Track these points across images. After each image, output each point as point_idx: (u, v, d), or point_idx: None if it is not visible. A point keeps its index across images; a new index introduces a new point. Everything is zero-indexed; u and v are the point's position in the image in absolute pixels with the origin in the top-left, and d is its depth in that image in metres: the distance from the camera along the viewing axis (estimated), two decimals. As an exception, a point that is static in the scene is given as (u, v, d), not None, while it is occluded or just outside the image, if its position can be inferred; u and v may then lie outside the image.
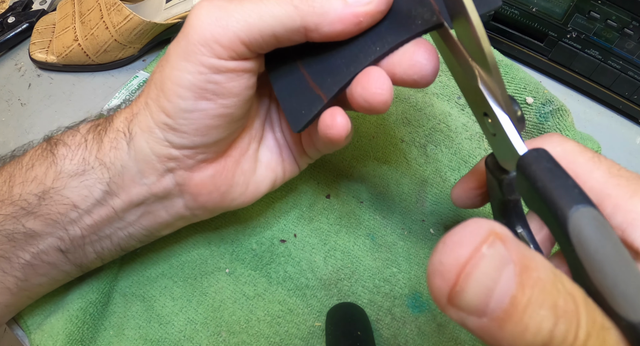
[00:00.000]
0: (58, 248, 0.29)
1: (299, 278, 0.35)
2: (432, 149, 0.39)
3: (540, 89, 0.38)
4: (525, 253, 0.13)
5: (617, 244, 0.14)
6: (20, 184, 0.28)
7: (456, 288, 0.13)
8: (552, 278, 0.13)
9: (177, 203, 0.30)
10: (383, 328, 0.33)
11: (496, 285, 0.13)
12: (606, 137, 0.40)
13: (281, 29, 0.24)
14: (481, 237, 0.13)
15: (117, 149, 0.28)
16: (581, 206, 0.14)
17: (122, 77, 0.47)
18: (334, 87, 0.25)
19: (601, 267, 0.13)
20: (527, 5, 0.39)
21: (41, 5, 0.52)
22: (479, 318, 0.13)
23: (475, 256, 0.13)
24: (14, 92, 0.48)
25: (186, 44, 0.25)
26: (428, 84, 0.24)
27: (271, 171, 0.32)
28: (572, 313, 0.13)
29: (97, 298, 0.34)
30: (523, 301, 0.13)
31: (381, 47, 0.24)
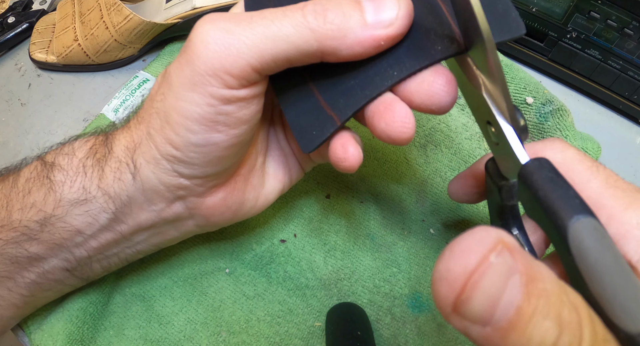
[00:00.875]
0: (64, 268, 0.28)
1: (299, 278, 0.35)
2: (432, 149, 0.39)
3: (540, 89, 0.38)
4: (531, 264, 0.13)
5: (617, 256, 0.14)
6: (19, 211, 0.26)
7: (462, 297, 0.13)
8: (557, 290, 0.13)
9: (188, 223, 0.29)
10: (383, 328, 0.33)
11: (502, 295, 0.13)
12: (606, 137, 0.40)
13: (296, 53, 0.22)
14: (489, 245, 0.13)
15: (122, 180, 0.26)
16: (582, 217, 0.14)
17: (122, 77, 0.47)
18: (348, 111, 0.24)
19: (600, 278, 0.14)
20: (527, 5, 0.39)
21: (41, 5, 0.52)
22: (482, 328, 0.13)
23: (483, 265, 0.13)
24: (14, 92, 0.48)
25: (192, 74, 0.22)
26: (445, 112, 0.23)
27: (279, 181, 0.31)
28: (576, 325, 0.13)
29: (97, 298, 0.34)
30: (528, 312, 0.13)
31: (399, 72, 0.23)
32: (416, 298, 0.34)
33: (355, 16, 0.22)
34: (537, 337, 0.12)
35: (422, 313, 0.34)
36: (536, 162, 0.17)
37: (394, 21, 0.21)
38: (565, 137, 0.36)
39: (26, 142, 0.44)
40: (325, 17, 0.21)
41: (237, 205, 0.29)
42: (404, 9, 0.22)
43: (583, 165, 0.19)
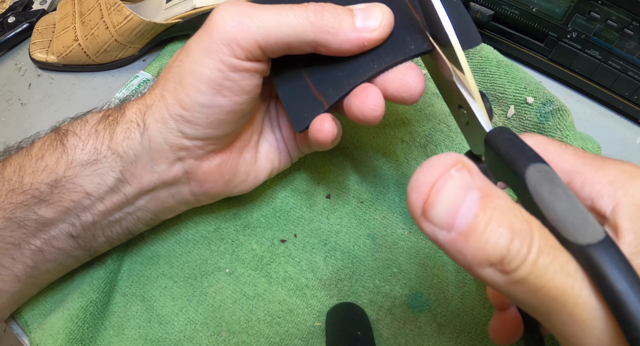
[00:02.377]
0: (69, 234, 0.30)
1: (299, 278, 0.35)
2: (432, 149, 0.39)
3: (540, 89, 0.38)
4: (488, 184, 0.16)
5: (565, 189, 0.17)
6: (30, 174, 0.28)
7: (428, 201, 0.16)
8: (510, 206, 0.16)
9: (184, 190, 0.32)
10: (383, 328, 0.33)
11: (462, 203, 0.15)
12: (606, 137, 0.40)
13: (295, 39, 0.27)
14: (451, 162, 0.16)
15: (130, 139, 0.29)
16: (536, 163, 0.17)
17: (122, 77, 0.47)
18: (335, 96, 0.28)
19: (554, 206, 0.16)
20: (527, 5, 0.39)
21: (41, 5, 0.52)
22: (447, 233, 0.16)
23: (444, 175, 0.16)
24: (14, 92, 0.48)
25: (209, 42, 0.27)
26: (414, 102, 0.28)
27: (269, 161, 0.35)
28: (527, 233, 0.15)
29: (97, 298, 0.34)
30: (484, 219, 0.15)
31: (378, 65, 0.28)
32: (416, 298, 0.34)
33: (347, 20, 0.27)
34: (492, 240, 0.15)
35: (423, 313, 0.34)
36: (498, 129, 0.20)
37: (377, 28, 0.27)
38: (565, 137, 0.36)
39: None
40: (323, 15, 0.26)
41: (230, 175, 0.33)
42: (386, 20, 0.27)
43: (552, 145, 0.22)
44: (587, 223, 0.16)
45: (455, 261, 0.16)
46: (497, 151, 0.19)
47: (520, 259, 0.15)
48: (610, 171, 0.20)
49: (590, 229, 0.16)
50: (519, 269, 0.15)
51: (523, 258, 0.15)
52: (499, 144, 0.19)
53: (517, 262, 0.15)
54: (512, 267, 0.15)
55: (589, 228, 0.16)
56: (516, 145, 0.18)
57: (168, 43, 0.48)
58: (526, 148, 0.18)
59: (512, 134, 0.19)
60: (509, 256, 0.15)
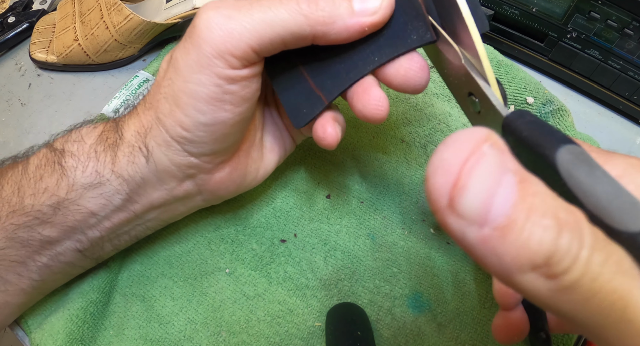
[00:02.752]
0: (76, 249, 0.29)
1: (299, 278, 0.35)
2: (432, 149, 0.39)
3: (540, 89, 0.38)
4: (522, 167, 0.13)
5: (604, 171, 0.14)
6: (31, 196, 0.27)
7: (459, 185, 0.12)
8: (550, 192, 0.13)
9: (196, 199, 0.32)
10: (383, 328, 0.33)
11: (498, 189, 0.12)
12: (606, 137, 0.40)
13: (290, 36, 0.25)
14: (482, 137, 0.13)
15: (136, 163, 0.28)
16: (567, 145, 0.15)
17: (122, 77, 0.47)
18: (335, 91, 0.27)
19: (594, 191, 0.14)
20: (527, 5, 0.39)
21: (41, 5, 0.52)
22: (480, 228, 0.12)
23: (477, 152, 0.12)
24: (14, 92, 0.48)
25: (198, 57, 0.25)
26: (419, 92, 0.27)
27: (275, 153, 0.34)
28: (575, 225, 0.12)
29: (97, 298, 0.34)
30: (525, 209, 0.12)
31: (379, 57, 0.26)
32: (416, 298, 0.34)
33: (344, 4, 0.24)
34: (537, 236, 0.12)
35: (423, 313, 0.34)
36: (518, 112, 0.18)
37: (378, 10, 0.25)
38: (565, 138, 0.36)
39: (26, 142, 0.44)
40: (317, 4, 0.24)
41: (241, 178, 0.32)
42: (387, 1, 0.25)
43: None
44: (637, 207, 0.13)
45: (486, 266, 0.13)
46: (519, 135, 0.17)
47: (571, 258, 0.12)
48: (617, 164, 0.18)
49: None
50: (570, 271, 0.12)
51: (574, 256, 0.12)
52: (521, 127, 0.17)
53: (567, 262, 0.12)
54: (561, 269, 0.12)
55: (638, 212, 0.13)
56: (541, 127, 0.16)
57: (168, 43, 0.48)
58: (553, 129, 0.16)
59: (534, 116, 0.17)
60: (558, 254, 0.12)
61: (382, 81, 0.27)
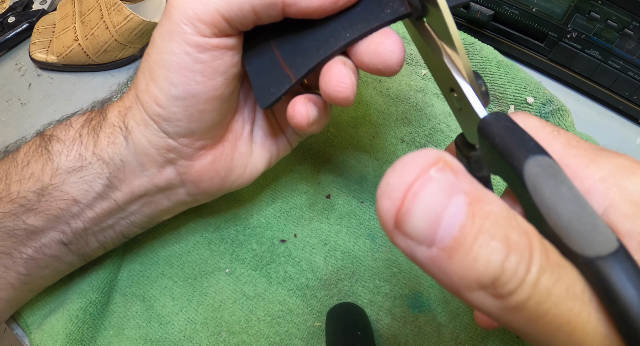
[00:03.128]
0: (60, 241, 0.29)
1: (299, 278, 0.35)
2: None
3: (540, 89, 0.38)
4: (477, 187, 0.13)
5: (571, 187, 0.14)
6: (17, 182, 0.28)
7: (402, 209, 0.13)
8: (505, 213, 0.13)
9: (179, 192, 0.31)
10: (383, 328, 0.33)
11: (445, 211, 0.12)
12: (606, 137, 0.40)
13: (259, 4, 0.24)
14: (430, 161, 0.13)
15: (115, 144, 0.28)
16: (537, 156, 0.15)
17: (122, 77, 0.47)
18: (303, 69, 0.26)
19: (556, 208, 0.14)
20: (527, 5, 0.39)
21: (41, 5, 0.52)
22: (427, 248, 0.13)
23: (422, 177, 0.13)
24: (14, 92, 0.48)
25: (169, 25, 0.25)
26: (394, 73, 0.25)
27: (266, 150, 0.33)
28: (525, 247, 0.12)
29: (97, 298, 0.34)
30: (473, 231, 0.12)
31: (351, 33, 0.25)
32: (416, 298, 0.34)
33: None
34: (483, 257, 0.12)
35: (423, 313, 0.34)
36: (494, 115, 0.17)
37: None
38: (565, 138, 0.36)
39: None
40: None
41: (226, 171, 0.31)
42: None
43: (545, 130, 0.20)
44: (597, 229, 0.13)
45: (438, 282, 0.13)
46: (491, 141, 0.16)
47: (517, 280, 0.12)
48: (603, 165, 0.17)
49: (600, 238, 0.13)
50: (516, 293, 0.12)
51: (521, 278, 0.12)
52: (493, 133, 0.16)
53: (513, 284, 0.12)
54: (507, 290, 0.12)
55: (598, 237, 0.13)
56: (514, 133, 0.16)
57: (168, 43, 0.48)
58: (525, 137, 0.16)
59: (510, 121, 0.17)
60: (504, 276, 0.12)
61: (355, 61, 0.25)
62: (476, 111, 0.19)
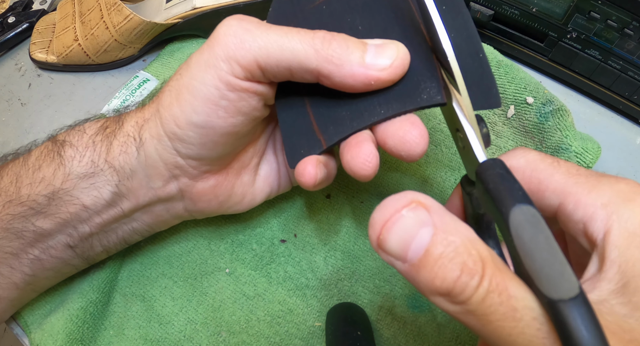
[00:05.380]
0: (67, 244, 0.30)
1: (299, 278, 0.35)
2: (432, 149, 0.39)
3: (540, 89, 0.38)
4: (447, 221, 0.17)
5: (547, 237, 0.16)
6: (28, 185, 0.28)
7: (380, 237, 0.18)
8: (466, 245, 0.17)
9: (178, 206, 0.32)
10: (383, 328, 0.33)
11: (413, 239, 0.17)
12: (606, 137, 0.40)
13: (296, 65, 0.25)
14: (403, 203, 0.17)
15: (127, 153, 0.28)
16: (522, 205, 0.17)
17: (122, 77, 0.47)
18: (335, 137, 0.27)
19: (532, 254, 0.16)
20: (527, 5, 0.39)
21: (41, 5, 0.52)
22: (402, 263, 0.17)
23: (395, 215, 0.17)
24: (14, 92, 0.48)
25: (208, 57, 0.26)
26: (413, 161, 0.26)
27: (268, 185, 0.33)
28: (476, 272, 0.16)
29: (97, 298, 0.34)
30: (435, 254, 0.16)
31: (385, 111, 0.25)
32: (416, 298, 0.34)
33: (356, 53, 0.24)
34: (441, 275, 0.16)
35: (423, 313, 0.34)
36: (491, 161, 0.19)
37: (387, 68, 0.24)
38: (565, 138, 0.36)
39: (26, 142, 0.44)
40: (331, 44, 0.25)
41: (225, 196, 0.32)
42: (400, 60, 0.24)
43: (545, 163, 0.21)
44: (563, 276, 0.16)
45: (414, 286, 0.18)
46: (485, 186, 0.19)
47: (467, 294, 0.16)
48: (604, 191, 0.19)
49: (564, 284, 0.15)
50: (466, 304, 0.16)
51: (470, 293, 0.16)
52: (488, 179, 0.19)
53: (464, 296, 0.16)
54: (460, 299, 0.16)
55: (563, 283, 0.15)
56: (505, 181, 0.18)
57: (168, 43, 0.48)
58: (515, 186, 0.18)
59: (503, 168, 0.19)
60: (455, 290, 0.16)
61: (378, 139, 0.26)
62: (476, 155, 0.21)
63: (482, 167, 0.19)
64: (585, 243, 0.19)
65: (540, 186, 0.21)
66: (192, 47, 0.47)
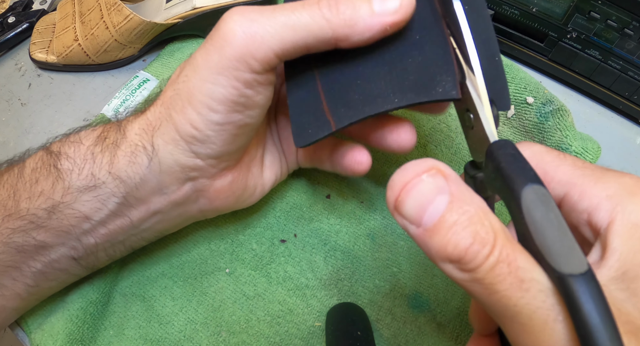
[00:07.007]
0: (71, 257, 0.29)
1: (299, 278, 0.35)
2: (432, 149, 0.39)
3: (540, 89, 0.38)
4: (463, 190, 0.18)
5: (557, 215, 0.17)
6: (26, 199, 0.27)
7: (399, 199, 0.18)
8: (480, 214, 0.17)
9: (192, 208, 0.31)
10: (383, 328, 0.33)
11: (430, 204, 0.17)
12: (606, 137, 0.40)
13: (313, 40, 0.25)
14: (425, 168, 0.18)
15: (136, 163, 0.27)
16: (534, 184, 0.17)
17: (122, 77, 0.47)
18: (345, 120, 0.26)
19: (543, 231, 0.17)
20: (527, 5, 0.39)
21: (41, 5, 0.52)
22: (416, 228, 0.18)
23: (415, 179, 0.18)
24: (14, 92, 0.48)
25: (220, 59, 0.25)
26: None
27: (273, 173, 0.34)
28: (488, 241, 0.17)
29: (97, 298, 0.34)
30: (449, 221, 0.17)
31: (400, 100, 0.25)
32: (417, 298, 0.34)
33: (364, 6, 0.24)
34: (453, 241, 0.17)
35: (423, 313, 0.34)
36: (502, 141, 0.20)
37: (398, 9, 0.24)
38: (565, 137, 0.36)
39: (26, 142, 0.44)
40: (338, 8, 0.24)
41: (241, 191, 0.32)
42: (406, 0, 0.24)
43: (551, 155, 0.22)
44: (573, 252, 0.16)
45: (424, 251, 0.18)
46: (497, 165, 0.19)
47: (477, 262, 0.16)
48: (609, 184, 0.19)
49: (574, 260, 0.16)
50: (475, 272, 0.17)
51: (480, 262, 0.16)
52: (500, 158, 0.19)
53: (473, 264, 0.16)
54: (469, 267, 0.17)
55: (573, 259, 0.16)
56: (517, 161, 0.19)
57: (168, 43, 0.48)
58: (527, 167, 0.18)
59: (515, 149, 0.19)
60: (467, 258, 0.16)
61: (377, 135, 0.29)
62: (488, 135, 0.21)
63: (494, 146, 0.20)
64: (589, 232, 0.20)
65: (546, 177, 0.21)
66: (192, 47, 0.47)
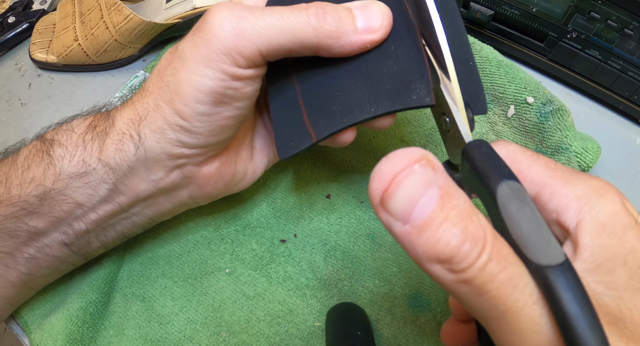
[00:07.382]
0: (62, 242, 0.29)
1: (299, 278, 0.35)
2: (432, 149, 0.39)
3: (540, 89, 0.38)
4: (451, 184, 0.16)
5: (533, 209, 0.17)
6: (18, 186, 0.28)
7: (388, 191, 0.16)
8: (468, 209, 0.16)
9: (182, 194, 0.31)
10: (383, 328, 0.33)
11: (420, 198, 0.16)
12: (606, 137, 0.40)
13: (297, 45, 0.26)
14: (416, 157, 0.16)
15: (123, 151, 0.28)
16: (509, 180, 0.18)
17: (122, 77, 0.47)
18: (325, 132, 0.28)
19: (519, 224, 0.17)
20: (527, 5, 0.39)
21: (41, 5, 0.52)
22: (402, 225, 0.16)
23: (407, 169, 0.16)
24: (14, 92, 0.48)
25: (207, 52, 0.26)
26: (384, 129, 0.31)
27: (265, 156, 0.34)
28: (479, 239, 0.16)
29: (97, 298, 0.34)
30: (440, 217, 0.15)
31: (376, 109, 0.26)
32: (416, 297, 0.34)
33: (349, 21, 0.26)
34: (444, 239, 0.15)
35: (423, 313, 0.34)
36: (477, 141, 0.20)
37: (379, 29, 0.26)
38: (565, 137, 0.36)
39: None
40: (325, 19, 0.26)
41: (230, 175, 0.32)
42: (387, 20, 0.27)
43: (525, 155, 0.22)
44: (549, 244, 0.16)
45: (407, 253, 0.16)
46: (472, 163, 0.19)
47: (468, 262, 0.15)
48: (578, 185, 0.20)
49: (551, 251, 0.16)
50: (466, 272, 0.15)
51: (472, 261, 0.15)
52: (475, 157, 0.19)
53: (465, 264, 0.15)
54: (459, 267, 0.15)
55: (550, 250, 0.16)
56: (492, 159, 0.19)
57: (168, 43, 0.48)
58: (501, 164, 0.19)
59: (490, 148, 0.19)
60: (458, 257, 0.15)
61: None
62: (463, 136, 0.21)
63: (469, 146, 0.20)
64: (558, 230, 0.20)
65: (519, 175, 0.21)
66: (192, 47, 0.47)
